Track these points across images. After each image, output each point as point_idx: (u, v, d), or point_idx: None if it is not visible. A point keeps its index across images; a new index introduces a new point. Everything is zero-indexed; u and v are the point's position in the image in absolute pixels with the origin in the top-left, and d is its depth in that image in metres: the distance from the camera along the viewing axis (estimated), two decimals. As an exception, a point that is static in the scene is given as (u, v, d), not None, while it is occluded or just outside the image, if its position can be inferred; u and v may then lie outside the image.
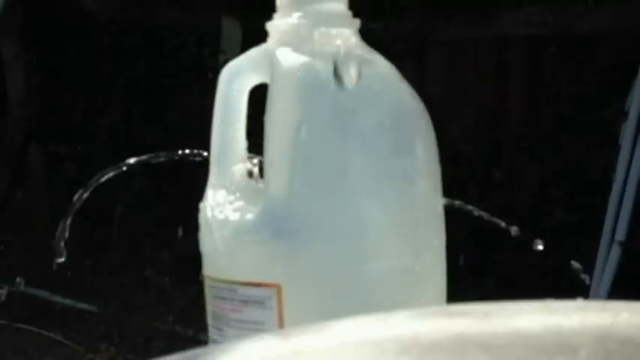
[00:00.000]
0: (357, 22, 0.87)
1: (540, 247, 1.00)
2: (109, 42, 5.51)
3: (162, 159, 1.01)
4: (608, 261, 3.64)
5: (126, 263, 4.84)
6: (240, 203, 0.84)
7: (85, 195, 0.98)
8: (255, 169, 0.88)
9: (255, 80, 0.88)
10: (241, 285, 0.82)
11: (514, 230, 1.01)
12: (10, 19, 5.41)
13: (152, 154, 1.00)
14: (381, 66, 0.86)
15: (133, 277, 4.78)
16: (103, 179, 0.98)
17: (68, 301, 4.68)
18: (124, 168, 0.99)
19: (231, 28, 5.31)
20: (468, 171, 4.54)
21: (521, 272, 4.04)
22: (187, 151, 1.01)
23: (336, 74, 0.82)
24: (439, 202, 0.87)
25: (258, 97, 0.88)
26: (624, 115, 3.79)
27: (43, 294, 4.56)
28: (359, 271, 0.82)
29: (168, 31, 5.56)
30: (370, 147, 0.82)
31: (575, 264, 1.01)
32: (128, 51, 5.48)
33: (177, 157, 1.00)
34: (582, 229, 4.19)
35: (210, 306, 0.86)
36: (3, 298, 0.96)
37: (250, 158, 0.88)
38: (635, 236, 3.72)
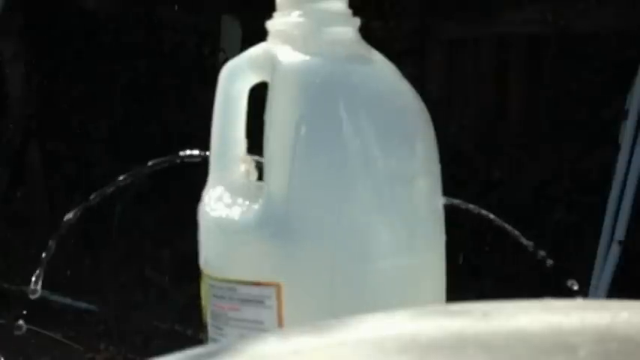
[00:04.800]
0: (357, 21, 0.87)
1: (575, 287, 0.99)
2: (109, 41, 5.51)
3: (166, 164, 1.01)
4: (607, 260, 3.64)
5: (125, 262, 4.84)
6: (239, 202, 0.84)
7: (93, 199, 0.98)
8: (255, 169, 0.88)
9: (255, 79, 0.88)
10: (241, 284, 0.82)
11: (540, 254, 1.01)
12: (10, 18, 5.41)
13: (157, 160, 1.00)
14: (381, 65, 0.86)
15: (132, 276, 4.78)
16: (111, 189, 0.98)
17: (67, 300, 4.68)
18: (124, 177, 0.98)
19: (231, 26, 5.30)
20: (468, 170, 4.54)
21: (520, 272, 4.04)
22: (188, 152, 1.01)
23: None
24: (439, 201, 0.87)
25: (259, 96, 0.88)
26: (624, 114, 3.79)
27: (43, 293, 4.55)
28: (358, 271, 0.82)
29: (168, 30, 5.56)
30: (370, 146, 0.82)
31: (547, 257, 1.01)
32: (128, 50, 5.48)
33: (186, 160, 1.00)
34: (582, 229, 4.19)
35: (210, 305, 0.86)
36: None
37: (250, 158, 0.88)
38: (635, 236, 3.72)
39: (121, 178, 0.99)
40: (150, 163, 1.00)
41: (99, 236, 4.82)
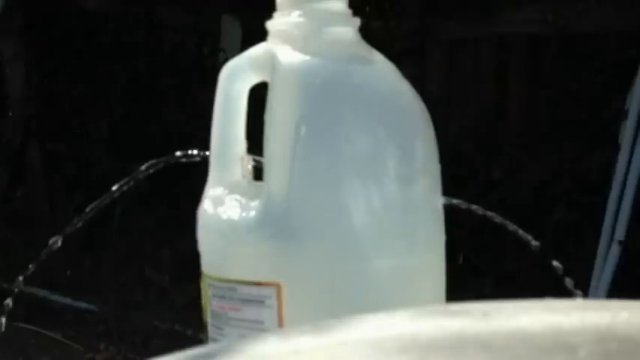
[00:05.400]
0: (357, 21, 0.87)
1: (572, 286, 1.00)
2: (109, 41, 5.51)
3: (165, 163, 1.01)
4: (607, 260, 3.64)
5: (125, 262, 4.84)
6: (239, 202, 0.84)
7: (99, 205, 0.98)
8: (253, 169, 0.88)
9: (255, 79, 0.88)
10: (241, 284, 0.82)
11: (534, 244, 1.01)
12: (10, 18, 5.41)
13: (156, 160, 1.00)
14: (381, 65, 0.86)
15: (132, 276, 4.78)
16: (114, 190, 0.98)
17: (67, 300, 4.68)
18: (127, 180, 0.98)
19: (231, 26, 5.30)
20: (468, 170, 4.54)
21: (520, 271, 4.04)
22: (188, 152, 1.01)
23: None
24: (439, 201, 0.87)
25: (259, 96, 0.88)
26: (624, 114, 3.79)
27: (43, 293, 4.56)
28: (358, 270, 0.82)
29: (168, 30, 5.56)
30: (370, 146, 0.82)
31: (552, 257, 1.01)
32: (128, 50, 5.48)
33: (186, 160, 1.00)
34: (582, 229, 4.19)
35: (210, 305, 0.86)
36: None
37: (250, 158, 0.88)
38: (635, 235, 3.72)
39: (127, 178, 0.99)
40: (149, 163, 1.00)
41: (99, 236, 4.82)
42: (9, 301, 0.96)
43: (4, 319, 0.97)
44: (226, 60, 0.90)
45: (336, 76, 0.84)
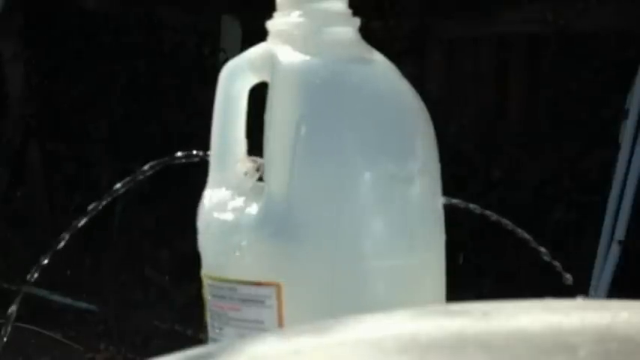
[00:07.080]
0: (357, 21, 0.87)
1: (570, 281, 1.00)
2: (109, 41, 5.51)
3: (166, 164, 1.01)
4: (607, 260, 3.64)
5: (125, 262, 4.84)
6: (240, 202, 0.84)
7: (100, 206, 0.98)
8: (255, 168, 0.88)
9: (255, 79, 0.88)
10: (241, 284, 0.82)
11: (568, 278, 1.01)
12: (10, 18, 5.41)
13: (159, 160, 1.00)
14: (381, 65, 0.86)
15: (132, 276, 4.78)
16: (117, 190, 0.98)
17: (68, 300, 4.68)
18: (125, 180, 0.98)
19: (231, 26, 5.30)
20: (468, 170, 4.54)
21: (520, 271, 4.04)
22: (190, 152, 1.01)
23: None
24: (439, 200, 0.87)
25: (259, 96, 0.88)
26: (624, 113, 3.79)
27: (43, 293, 4.55)
28: (358, 270, 0.82)
29: (168, 30, 5.56)
30: (370, 146, 0.82)
31: (552, 258, 1.01)
32: (128, 50, 5.48)
33: (186, 161, 1.00)
34: (582, 228, 4.19)
35: (210, 305, 0.86)
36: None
37: (250, 158, 0.88)
38: (635, 235, 3.72)
39: (127, 179, 0.99)
40: (149, 165, 1.00)
41: (99, 236, 4.82)
42: (14, 308, 0.96)
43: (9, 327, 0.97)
44: (226, 60, 0.90)
45: (336, 76, 0.84)
